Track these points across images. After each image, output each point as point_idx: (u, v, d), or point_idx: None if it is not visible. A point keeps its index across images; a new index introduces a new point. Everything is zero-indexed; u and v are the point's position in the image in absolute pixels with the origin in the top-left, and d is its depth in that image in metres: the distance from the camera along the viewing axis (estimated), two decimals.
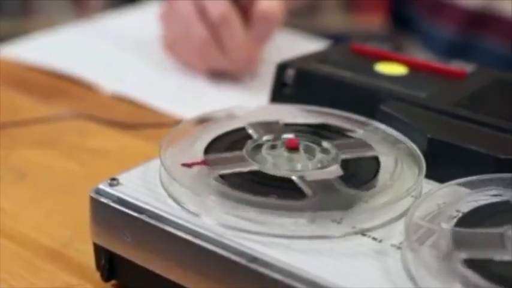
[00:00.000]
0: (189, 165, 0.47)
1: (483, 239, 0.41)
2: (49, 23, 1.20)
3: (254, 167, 0.47)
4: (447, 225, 0.42)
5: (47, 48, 0.84)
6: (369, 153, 0.49)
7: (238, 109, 0.54)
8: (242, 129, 0.51)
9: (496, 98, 0.57)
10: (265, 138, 0.50)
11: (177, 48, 0.78)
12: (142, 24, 0.91)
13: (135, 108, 0.73)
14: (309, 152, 0.49)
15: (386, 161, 0.49)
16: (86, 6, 1.80)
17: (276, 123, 0.52)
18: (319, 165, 0.47)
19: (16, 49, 0.84)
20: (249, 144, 0.49)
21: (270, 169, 0.47)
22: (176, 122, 0.62)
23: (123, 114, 0.72)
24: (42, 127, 0.69)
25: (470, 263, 0.39)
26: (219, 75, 0.77)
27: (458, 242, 0.40)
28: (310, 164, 0.47)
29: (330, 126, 0.53)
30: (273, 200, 0.43)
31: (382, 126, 0.52)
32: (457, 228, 0.42)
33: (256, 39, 0.75)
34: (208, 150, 0.49)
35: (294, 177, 0.46)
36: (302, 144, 0.49)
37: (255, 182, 0.46)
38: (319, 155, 0.48)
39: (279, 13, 0.75)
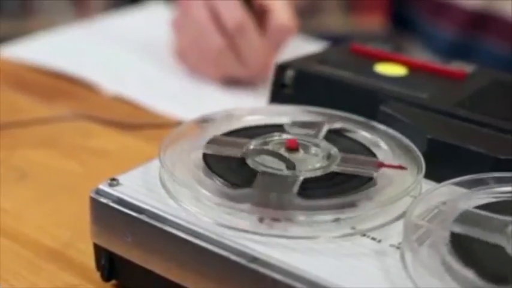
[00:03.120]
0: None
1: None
2: (49, 23, 1.20)
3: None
4: (446, 225, 0.42)
5: (48, 48, 0.84)
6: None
7: (238, 110, 0.54)
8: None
9: (496, 98, 0.57)
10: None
11: (188, 54, 0.78)
12: (143, 25, 0.91)
13: (135, 109, 0.73)
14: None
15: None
16: (87, 6, 1.80)
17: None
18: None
19: (17, 49, 0.84)
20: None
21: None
22: (176, 123, 0.62)
23: (124, 114, 0.72)
24: (43, 127, 0.69)
25: (469, 263, 0.39)
26: (230, 81, 0.77)
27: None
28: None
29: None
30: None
31: (382, 127, 0.52)
32: (456, 228, 0.42)
33: (270, 48, 0.76)
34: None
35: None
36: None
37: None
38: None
39: (294, 25, 0.76)
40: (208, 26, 0.74)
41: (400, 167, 0.47)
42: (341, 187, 0.45)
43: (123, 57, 0.83)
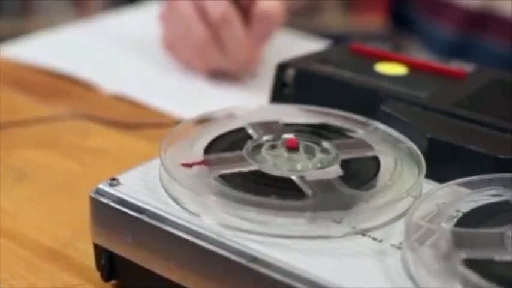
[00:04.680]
0: (189, 165, 0.47)
1: (483, 239, 0.41)
2: (49, 23, 1.20)
3: (254, 167, 0.47)
4: (447, 226, 0.42)
5: (47, 48, 0.84)
6: (369, 154, 0.49)
7: (238, 109, 0.54)
8: (242, 129, 0.51)
9: (496, 98, 0.57)
10: (265, 138, 0.50)
11: (177, 48, 0.78)
12: (142, 24, 0.91)
13: (135, 108, 0.73)
14: (309, 152, 0.49)
15: (387, 161, 0.49)
16: (86, 6, 1.80)
17: (276, 122, 0.52)
18: (319, 165, 0.47)
19: (16, 49, 0.84)
20: (249, 144, 0.49)
21: (269, 169, 0.47)
22: (176, 122, 0.62)
23: (123, 114, 0.72)
24: (42, 127, 0.69)
25: (470, 263, 0.39)
26: (219, 75, 0.77)
27: (458, 242, 0.40)
28: (310, 164, 0.47)
29: (330, 126, 0.53)
30: (273, 200, 0.43)
31: (382, 126, 0.52)
32: (457, 228, 0.42)
33: (256, 39, 0.75)
34: (208, 150, 0.49)
35: (293, 177, 0.45)
36: (302, 144, 0.49)
37: (254, 182, 0.46)
38: (319, 155, 0.48)
39: (280, 13, 0.75)
40: (193, 18, 0.74)
41: None
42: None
43: (122, 57, 0.83)
